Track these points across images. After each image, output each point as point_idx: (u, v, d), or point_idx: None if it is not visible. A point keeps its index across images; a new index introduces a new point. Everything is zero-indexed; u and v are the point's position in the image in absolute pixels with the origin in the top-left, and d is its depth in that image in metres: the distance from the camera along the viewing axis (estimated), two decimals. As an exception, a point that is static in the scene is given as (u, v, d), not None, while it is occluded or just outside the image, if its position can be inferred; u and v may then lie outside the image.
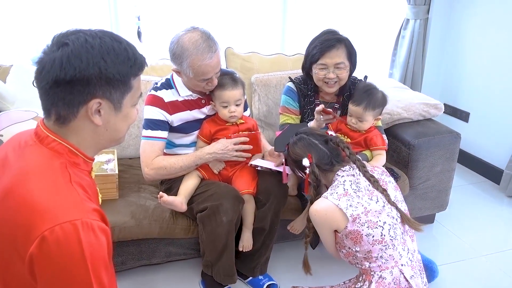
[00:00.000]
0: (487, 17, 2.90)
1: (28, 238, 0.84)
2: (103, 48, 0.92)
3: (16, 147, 1.00)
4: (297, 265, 2.11)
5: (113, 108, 0.97)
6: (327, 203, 1.42)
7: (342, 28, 3.03)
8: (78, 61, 0.89)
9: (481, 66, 2.99)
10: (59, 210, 0.86)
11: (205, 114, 1.89)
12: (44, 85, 0.92)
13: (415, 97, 2.44)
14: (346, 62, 1.89)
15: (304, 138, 1.57)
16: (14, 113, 1.94)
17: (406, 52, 3.18)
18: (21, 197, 0.88)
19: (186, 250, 1.99)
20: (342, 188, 1.44)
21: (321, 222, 1.44)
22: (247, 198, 1.79)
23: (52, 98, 0.92)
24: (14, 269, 0.89)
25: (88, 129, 0.98)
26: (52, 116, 0.95)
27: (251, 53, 2.58)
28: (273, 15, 2.94)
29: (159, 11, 2.75)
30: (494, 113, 2.93)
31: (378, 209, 1.42)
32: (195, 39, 1.66)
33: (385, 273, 1.42)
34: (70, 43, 0.91)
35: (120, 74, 0.94)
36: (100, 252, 0.88)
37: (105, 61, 0.92)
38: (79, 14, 2.55)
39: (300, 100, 2.03)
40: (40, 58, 0.93)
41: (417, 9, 3.07)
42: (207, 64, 1.66)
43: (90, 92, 0.92)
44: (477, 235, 2.40)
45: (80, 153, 0.99)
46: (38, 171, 0.92)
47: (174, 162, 1.78)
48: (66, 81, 0.90)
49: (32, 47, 2.55)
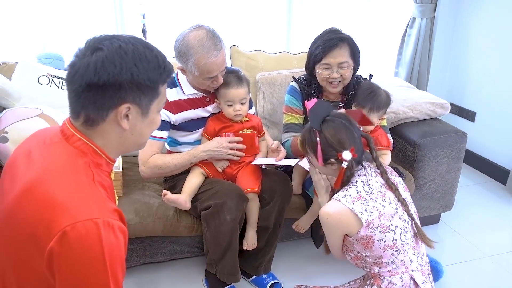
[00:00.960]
0: (494, 16, 2.87)
1: (49, 233, 0.85)
2: (135, 55, 0.95)
3: (41, 143, 1.02)
4: (301, 264, 2.12)
5: (140, 113, 1.00)
6: (341, 207, 1.33)
7: (348, 26, 3.06)
8: (112, 66, 0.92)
9: (488, 66, 2.96)
10: (82, 208, 0.87)
11: (209, 112, 1.88)
12: (76, 88, 0.93)
13: (421, 96, 2.43)
14: (350, 61, 1.87)
15: (347, 125, 1.41)
16: (19, 110, 1.95)
17: (412, 51, 3.16)
18: (45, 193, 0.90)
19: (189, 248, 1.99)
20: (355, 190, 1.36)
21: (333, 226, 1.37)
22: (251, 196, 1.78)
23: (83, 101, 0.94)
24: (31, 263, 0.90)
25: (115, 133, 1.00)
26: (81, 118, 0.97)
27: (256, 51, 2.58)
28: (278, 13, 2.93)
29: (164, 9, 2.74)
30: (500, 113, 2.90)
31: (391, 212, 1.36)
32: (200, 37, 1.66)
33: (395, 278, 1.37)
34: (104, 48, 0.94)
35: (150, 81, 0.97)
36: (118, 251, 0.89)
37: (137, 68, 0.94)
38: (85, 12, 2.55)
39: (304, 99, 2.02)
40: (73, 62, 0.96)
41: (423, 7, 3.05)
42: (213, 62, 1.66)
43: (121, 97, 0.95)
44: (482, 235, 2.38)
45: (104, 154, 1.01)
46: (62, 168, 0.94)
47: (169, 160, 1.78)
48: (99, 85, 0.92)
49: (38, 44, 2.56)
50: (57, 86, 2.16)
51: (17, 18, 2.47)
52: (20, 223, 0.91)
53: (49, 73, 2.17)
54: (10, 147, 1.84)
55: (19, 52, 2.52)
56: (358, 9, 3.10)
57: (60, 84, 2.17)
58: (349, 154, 1.36)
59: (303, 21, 2.95)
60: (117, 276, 0.89)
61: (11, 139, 1.84)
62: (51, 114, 1.96)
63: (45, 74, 2.15)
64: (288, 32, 2.98)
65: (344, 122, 1.41)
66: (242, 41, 2.74)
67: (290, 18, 2.95)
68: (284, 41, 3.00)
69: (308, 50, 1.97)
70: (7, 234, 0.94)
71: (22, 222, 0.90)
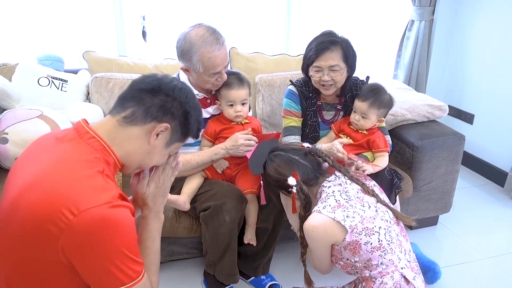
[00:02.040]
0: (492, 18, 2.89)
1: (59, 223, 0.90)
2: (197, 105, 1.17)
3: (52, 140, 1.07)
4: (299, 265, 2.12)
5: (167, 140, 1.13)
6: (323, 218, 1.34)
7: (347, 29, 3.07)
8: (184, 96, 1.11)
9: (486, 68, 2.98)
10: (90, 195, 0.93)
11: (210, 114, 1.89)
12: (145, 88, 1.09)
13: (419, 98, 2.44)
14: (342, 64, 1.86)
15: (282, 155, 1.47)
16: (19, 111, 1.95)
17: (410, 54, 3.17)
18: (54, 182, 0.95)
19: (188, 249, 2.00)
20: (333, 199, 1.37)
21: (319, 238, 1.36)
22: (250, 197, 1.79)
23: (142, 100, 1.07)
24: (41, 252, 0.94)
25: (138, 142, 1.09)
26: (127, 111, 1.08)
27: (255, 54, 2.59)
28: (277, 16, 2.94)
29: (164, 11, 2.76)
30: (498, 115, 2.92)
31: (372, 214, 1.38)
32: (202, 33, 1.68)
33: (386, 278, 1.38)
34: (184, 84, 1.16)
35: (191, 128, 1.15)
36: (129, 229, 0.98)
37: (194, 112, 1.14)
38: (84, 13, 2.56)
39: (302, 102, 2.03)
40: (155, 73, 1.14)
41: (422, 10, 3.07)
42: (216, 55, 1.68)
43: (169, 118, 1.09)
44: (480, 237, 2.39)
45: (114, 154, 1.06)
46: (73, 161, 0.99)
47: (191, 158, 1.76)
48: (166, 99, 1.08)
49: (37, 46, 2.56)
50: (57, 87, 2.17)
51: (17, 19, 2.48)
52: (27, 211, 0.94)
53: (49, 74, 2.17)
54: (10, 148, 1.85)
55: (19, 53, 2.53)
56: (357, 11, 3.12)
57: (60, 86, 2.18)
58: (293, 179, 1.41)
59: (302, 24, 2.97)
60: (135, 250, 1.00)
61: (11, 140, 1.85)
62: (51, 115, 1.97)
63: (45, 75, 2.16)
64: (287, 34, 3.00)
65: (280, 154, 1.47)
66: (241, 43, 2.75)
67: (289, 21, 2.97)
68: (283, 43, 3.01)
69: (304, 52, 1.98)
70: (13, 222, 0.97)
71: (28, 210, 0.93)
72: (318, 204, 1.38)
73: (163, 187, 1.21)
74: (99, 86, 2.22)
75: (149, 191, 1.18)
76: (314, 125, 2.04)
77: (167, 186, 1.22)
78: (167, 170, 1.21)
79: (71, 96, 2.20)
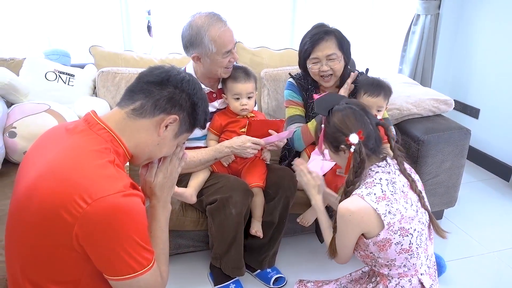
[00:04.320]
0: (498, 12, 2.87)
1: (71, 211, 0.92)
2: (204, 97, 1.18)
3: (62, 131, 1.09)
4: (304, 259, 2.14)
5: (176, 131, 1.15)
6: (364, 205, 1.25)
7: (352, 23, 3.07)
8: (191, 87, 1.13)
9: (492, 62, 2.96)
10: (101, 184, 0.95)
11: (215, 108, 1.90)
12: (153, 81, 1.10)
13: (425, 92, 2.44)
14: (338, 53, 1.91)
15: (355, 109, 1.34)
16: (27, 106, 1.97)
17: (416, 48, 3.16)
18: (64, 171, 0.97)
19: (195, 243, 2.01)
20: (380, 188, 1.27)
21: (353, 224, 1.27)
22: (256, 191, 1.80)
23: (150, 92, 1.09)
24: (55, 237, 0.96)
25: (147, 134, 1.10)
26: (136, 104, 1.09)
27: (261, 48, 2.59)
28: (282, 10, 2.94)
29: (169, 5, 2.76)
30: (504, 110, 2.91)
31: (412, 215, 1.30)
32: (204, 17, 1.74)
33: (403, 280, 1.33)
34: (192, 76, 1.16)
35: (198, 118, 1.17)
36: (140, 217, 1.00)
37: (202, 103, 1.16)
38: (90, 7, 2.57)
39: (302, 94, 2.06)
40: (162, 65, 1.15)
41: (427, 4, 3.05)
42: (225, 31, 1.73)
43: (177, 110, 1.11)
44: (485, 231, 2.40)
45: (123, 144, 1.08)
46: (84, 150, 1.01)
47: (194, 155, 1.77)
48: (174, 90, 1.10)
49: (44, 40, 2.58)
50: (64, 82, 2.19)
51: (24, 14, 2.49)
52: (41, 200, 0.96)
53: (56, 69, 2.19)
54: (18, 142, 1.87)
55: (26, 48, 2.54)
56: (362, 6, 3.11)
57: (67, 80, 2.19)
58: (356, 137, 1.28)
59: (307, 18, 2.96)
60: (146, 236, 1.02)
61: (19, 134, 1.87)
62: (58, 109, 1.99)
63: (52, 70, 2.17)
64: (292, 29, 2.99)
65: (354, 108, 1.35)
66: (247, 38, 2.75)
67: (295, 15, 2.96)
68: (289, 37, 3.01)
69: (298, 48, 2.01)
70: (28, 211, 0.99)
71: (43, 199, 0.95)
72: (362, 188, 1.29)
73: (171, 178, 1.23)
74: (106, 80, 2.23)
75: (157, 181, 1.20)
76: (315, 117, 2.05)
77: (174, 177, 1.24)
78: (174, 160, 1.23)
79: (78, 91, 2.21)
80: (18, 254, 1.04)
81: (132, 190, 0.99)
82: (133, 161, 1.15)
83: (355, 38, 3.00)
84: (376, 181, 1.29)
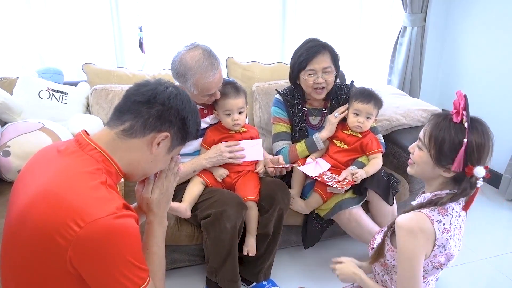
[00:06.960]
0: (483, 24, 2.95)
1: (64, 235, 0.92)
2: (193, 108, 1.17)
3: (54, 153, 1.08)
4: (300, 270, 2.15)
5: (168, 147, 1.14)
6: (430, 229, 1.17)
7: (341, 36, 3.12)
8: (180, 102, 1.12)
9: (478, 72, 3.03)
10: (94, 207, 0.94)
11: (207, 124, 1.93)
12: (140, 100, 1.09)
13: (413, 103, 2.48)
14: (332, 67, 1.99)
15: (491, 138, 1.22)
16: (21, 124, 1.98)
17: (404, 59, 3.23)
18: (57, 195, 0.96)
19: (190, 257, 2.02)
20: (449, 220, 1.20)
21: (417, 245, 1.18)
22: (250, 204, 1.82)
23: (139, 112, 1.08)
24: (49, 261, 0.96)
25: (140, 152, 1.11)
26: (126, 124, 1.08)
27: (252, 62, 2.63)
28: (272, 25, 2.99)
29: (161, 22, 2.79)
30: (492, 118, 2.91)
31: (455, 254, 1.25)
32: (197, 58, 1.70)
33: None
34: (179, 90, 1.14)
35: (190, 131, 1.16)
36: (134, 238, 0.99)
37: (192, 116, 1.15)
38: (83, 24, 2.60)
39: (288, 109, 2.11)
40: (147, 81, 1.14)
41: (414, 17, 3.12)
42: (211, 81, 1.72)
43: (168, 126, 1.11)
44: (476, 238, 2.43)
45: (115, 164, 1.08)
46: (75, 172, 1.01)
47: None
48: (163, 108, 1.09)
49: (36, 59, 2.59)
50: (58, 100, 2.20)
51: (16, 33, 2.50)
52: (34, 224, 0.96)
53: (49, 87, 2.20)
54: (12, 160, 1.87)
55: (19, 67, 2.55)
56: (350, 19, 3.17)
57: (60, 98, 2.21)
58: (483, 171, 1.15)
59: (297, 32, 3.01)
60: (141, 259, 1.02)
61: (13, 153, 1.87)
62: (52, 127, 2.00)
63: (45, 88, 2.19)
64: (282, 43, 3.04)
65: (488, 130, 1.20)
66: (238, 53, 2.79)
67: (284, 30, 3.02)
68: (279, 52, 3.06)
69: (291, 61, 2.07)
70: (22, 234, 0.99)
71: (36, 223, 0.96)
72: (434, 212, 1.20)
73: (167, 193, 1.24)
74: (99, 97, 2.25)
75: (154, 197, 1.21)
76: (302, 130, 2.11)
77: (170, 192, 1.25)
78: (170, 176, 1.24)
79: (71, 108, 2.23)
80: (13, 276, 1.04)
81: (125, 211, 0.99)
82: (129, 178, 1.16)
83: (345, 51, 3.05)
84: (449, 211, 1.22)
